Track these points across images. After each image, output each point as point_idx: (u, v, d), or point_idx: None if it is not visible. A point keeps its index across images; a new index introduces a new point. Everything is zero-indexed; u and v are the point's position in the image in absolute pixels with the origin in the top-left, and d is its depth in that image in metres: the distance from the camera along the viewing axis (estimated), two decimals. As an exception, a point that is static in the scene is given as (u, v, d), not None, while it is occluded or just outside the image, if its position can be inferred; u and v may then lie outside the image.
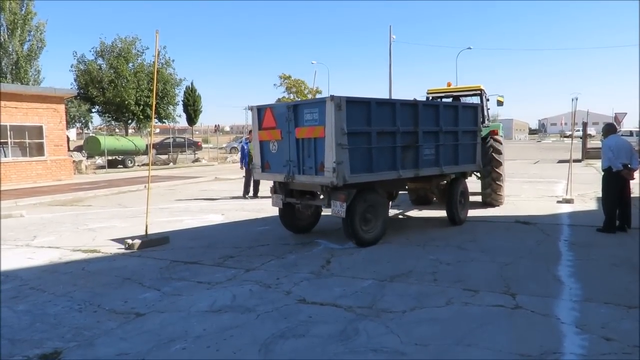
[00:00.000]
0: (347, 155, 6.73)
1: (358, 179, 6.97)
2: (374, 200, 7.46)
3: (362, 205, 7.20)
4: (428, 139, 8.06)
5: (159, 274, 6.12)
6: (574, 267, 6.00)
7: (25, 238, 8.60)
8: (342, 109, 6.63)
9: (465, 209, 9.27)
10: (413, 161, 7.83)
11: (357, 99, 6.97)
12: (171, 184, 18.53)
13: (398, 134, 7.45)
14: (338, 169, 6.63)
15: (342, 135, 6.65)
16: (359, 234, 7.21)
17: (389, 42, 36.21)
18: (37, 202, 13.84)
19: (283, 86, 50.20)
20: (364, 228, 7.30)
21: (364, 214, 7.26)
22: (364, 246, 7.19)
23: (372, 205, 7.39)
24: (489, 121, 11.38)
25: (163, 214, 10.95)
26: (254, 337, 4.06)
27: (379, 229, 7.51)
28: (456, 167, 8.83)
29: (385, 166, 7.39)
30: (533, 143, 61.66)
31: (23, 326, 4.46)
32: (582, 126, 29.59)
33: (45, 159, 20.27)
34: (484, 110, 11.17)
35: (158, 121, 40.27)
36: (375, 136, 7.13)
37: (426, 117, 7.96)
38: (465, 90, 11.52)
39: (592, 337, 3.93)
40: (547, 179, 17.18)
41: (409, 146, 7.71)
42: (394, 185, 8.45)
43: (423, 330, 4.14)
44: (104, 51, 36.64)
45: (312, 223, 8.57)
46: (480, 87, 11.19)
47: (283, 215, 8.29)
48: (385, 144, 7.33)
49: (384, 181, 7.57)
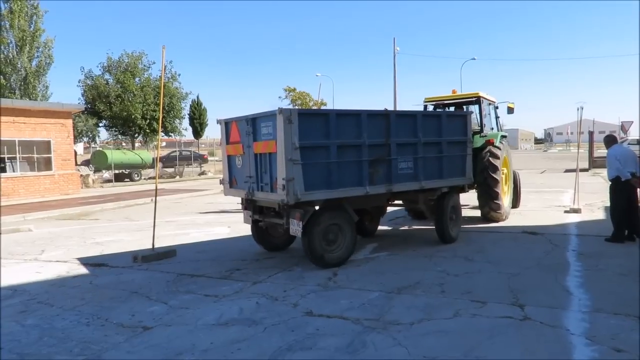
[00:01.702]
0: (299, 171, 6.30)
1: (314, 196, 6.51)
2: (339, 218, 6.92)
3: (323, 223, 6.70)
4: (403, 152, 7.46)
5: (165, 287, 6.13)
6: (582, 278, 5.96)
7: (33, 252, 8.65)
8: (293, 122, 6.22)
9: (458, 226, 8.57)
10: (384, 176, 7.24)
11: (313, 111, 6.58)
12: (178, 197, 18.59)
13: (364, 147, 6.93)
14: (288, 186, 6.22)
15: (294, 150, 6.24)
16: (317, 254, 6.68)
17: (393, 54, 36.39)
18: (45, 216, 13.93)
19: (288, 98, 50.50)
20: (326, 248, 6.79)
21: (326, 233, 6.76)
22: (327, 267, 6.70)
23: (335, 224, 6.87)
24: (499, 130, 11.01)
25: (170, 227, 10.98)
26: (261, 350, 4.06)
27: (344, 249, 6.96)
28: (441, 182, 8.12)
29: (350, 182, 6.85)
30: (539, 152, 61.46)
31: (31, 340, 4.47)
32: (588, 135, 29.46)
33: (53, 174, 20.43)
34: (491, 118, 10.87)
35: (164, 135, 40.48)
36: (335, 150, 6.64)
37: (400, 128, 7.40)
38: (462, 98, 10.89)
39: (602, 348, 3.89)
40: (554, 188, 17.11)
41: (379, 160, 7.13)
42: (367, 201, 7.70)
43: (431, 343, 4.12)
44: (111, 66, 37.01)
45: (288, 241, 8.01)
46: (478, 94, 10.57)
47: (254, 233, 7.92)
48: (348, 158, 6.82)
49: (352, 198, 7.03)
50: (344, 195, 6.84)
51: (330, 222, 6.81)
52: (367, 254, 7.73)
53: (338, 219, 6.91)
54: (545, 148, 79.90)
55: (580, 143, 14.01)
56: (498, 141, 10.10)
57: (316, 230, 6.63)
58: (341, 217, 6.96)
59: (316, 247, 6.67)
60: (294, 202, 6.33)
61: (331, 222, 6.83)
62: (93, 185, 25.52)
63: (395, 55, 36.33)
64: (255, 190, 7.13)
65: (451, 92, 11.19)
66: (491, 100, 11.11)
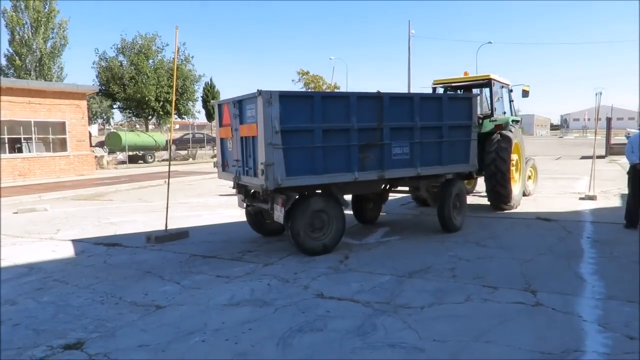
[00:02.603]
0: (280, 155, 6.07)
1: (296, 181, 6.28)
2: (325, 204, 6.66)
3: (307, 210, 6.47)
4: (398, 137, 7.11)
5: (178, 267, 6.20)
6: (596, 265, 5.89)
7: (49, 231, 8.79)
8: (274, 104, 5.98)
9: (462, 214, 8.17)
10: (376, 162, 6.92)
11: (296, 93, 6.20)
12: (190, 179, 18.71)
13: (353, 131, 6.62)
14: (267, 171, 6.02)
15: (275, 134, 6.01)
16: (300, 240, 6.45)
17: (408, 37, 35.91)
18: (60, 196, 14.13)
19: (301, 82, 50.25)
20: (312, 235, 6.56)
21: (311, 220, 6.53)
22: (311, 255, 6.48)
23: (322, 211, 6.60)
24: (513, 114, 10.63)
25: (182, 209, 11.07)
26: (272, 331, 4.09)
27: (331, 237, 6.69)
28: (440, 168, 7.72)
29: (337, 167, 6.57)
30: (554, 139, 60.64)
31: (47, 317, 4.56)
32: (606, 121, 28.94)
33: (68, 154, 20.66)
34: (504, 102, 10.50)
35: (178, 117, 40.66)
36: (320, 134, 6.36)
37: (394, 112, 7.04)
38: (472, 80, 10.35)
39: (615, 335, 3.86)
40: (569, 175, 16.89)
41: (370, 145, 6.81)
42: (361, 188, 7.42)
43: (442, 327, 4.11)
44: (125, 48, 37.09)
45: (281, 226, 7.44)
46: (489, 76, 10.00)
47: (248, 217, 7.83)
48: (335, 143, 6.52)
49: (343, 184, 6.80)
50: (329, 181, 6.58)
51: (315, 209, 6.57)
52: (378, 237, 7.72)
53: (324, 206, 6.66)
54: (561, 134, 78.81)
55: (598, 129, 13.76)
56: (509, 126, 9.73)
57: (300, 217, 6.41)
58: (328, 204, 6.71)
59: (300, 234, 6.43)
60: (273, 188, 6.15)
61: (317, 209, 6.59)
62: (107, 166, 25.78)
63: (410, 38, 35.86)
64: (241, 174, 7.00)
65: (463, 74, 10.71)
66: (504, 83, 10.64)
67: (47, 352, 3.80)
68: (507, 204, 9.69)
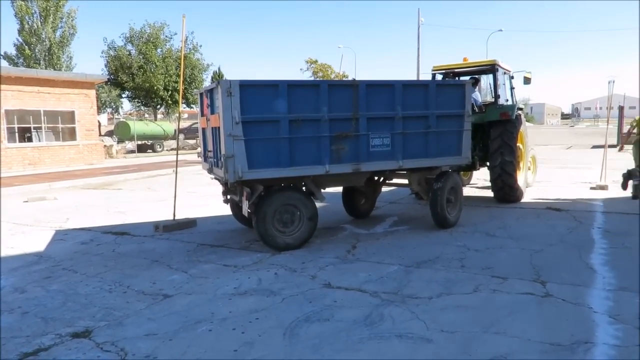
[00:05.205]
0: (242, 147, 5.84)
1: (259, 174, 6.03)
2: (295, 198, 6.43)
3: (275, 204, 6.25)
4: (377, 127, 6.72)
5: (186, 256, 6.21)
6: (607, 255, 5.82)
7: (58, 220, 8.85)
8: (234, 94, 5.75)
9: (457, 209, 7.72)
10: (351, 154, 6.55)
11: (258, 82, 6.08)
12: (199, 168, 18.72)
13: (324, 121, 6.29)
14: (226, 163, 5.82)
15: (235, 125, 5.78)
16: (267, 235, 6.25)
17: (417, 25, 35.56)
18: (69, 185, 14.23)
19: (310, 71, 50.05)
20: (281, 229, 6.33)
21: (280, 214, 6.31)
22: (280, 250, 6.27)
23: (291, 204, 6.37)
24: (514, 102, 10.25)
25: (190, 198, 11.09)
26: (279, 321, 4.08)
27: (301, 231, 6.45)
28: (426, 161, 7.23)
29: (306, 160, 6.27)
30: (565, 128, 59.99)
31: (56, 305, 4.59)
32: (618, 110, 28.51)
33: (77, 144, 20.79)
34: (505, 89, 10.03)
35: (186, 106, 40.78)
36: (287, 125, 6.08)
37: (373, 101, 6.65)
38: (475, 65, 9.82)
39: (626, 327, 3.80)
40: (580, 164, 16.70)
41: (344, 136, 6.46)
42: (340, 181, 7.14)
43: (450, 317, 4.08)
44: (133, 37, 37.13)
45: None
46: (494, 61, 9.50)
47: (231, 209, 7.67)
48: (304, 134, 6.22)
49: (319, 177, 6.56)
50: (297, 174, 6.32)
51: (284, 203, 6.35)
52: (386, 227, 7.68)
53: (294, 200, 6.42)
54: (572, 123, 77.88)
55: (610, 119, 13.56)
56: (514, 114, 9.37)
57: (267, 211, 6.20)
58: (298, 198, 6.47)
59: (266, 228, 6.21)
60: (233, 181, 5.95)
61: (285, 203, 6.36)
62: (116, 155, 25.93)
63: (419, 26, 35.51)
64: (213, 165, 6.82)
65: (462, 60, 10.20)
66: (506, 70, 10.14)
67: (56, 340, 3.82)
68: (512, 194, 9.38)
